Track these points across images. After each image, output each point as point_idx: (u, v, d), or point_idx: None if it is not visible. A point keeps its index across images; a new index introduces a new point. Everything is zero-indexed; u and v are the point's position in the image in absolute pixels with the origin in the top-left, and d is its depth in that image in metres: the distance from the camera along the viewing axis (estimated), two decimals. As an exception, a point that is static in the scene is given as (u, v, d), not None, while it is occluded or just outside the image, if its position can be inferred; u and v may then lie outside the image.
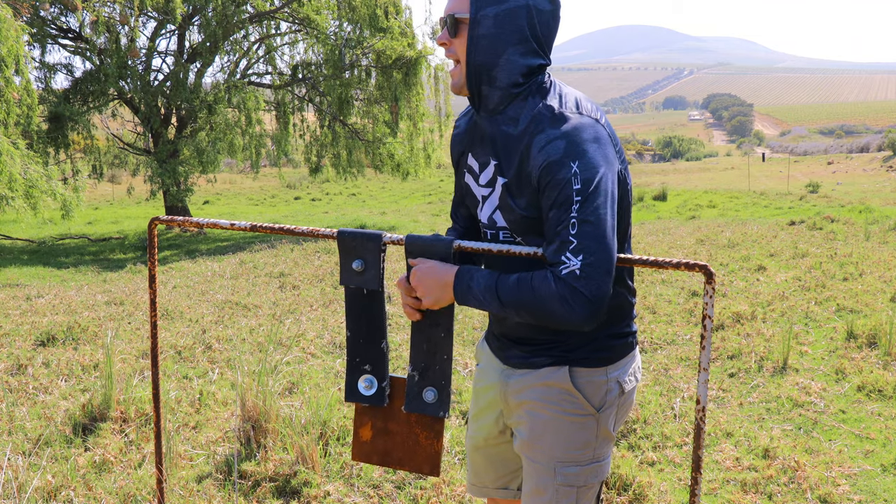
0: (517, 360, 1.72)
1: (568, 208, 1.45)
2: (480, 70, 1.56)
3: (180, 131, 17.06)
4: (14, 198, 10.29)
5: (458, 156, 1.74)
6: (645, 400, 3.94)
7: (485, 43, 1.53)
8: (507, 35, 1.52)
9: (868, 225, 10.84)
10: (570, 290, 1.43)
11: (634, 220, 16.12)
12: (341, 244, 1.71)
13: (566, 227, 1.45)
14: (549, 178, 1.47)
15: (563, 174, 1.45)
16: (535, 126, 1.52)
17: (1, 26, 10.13)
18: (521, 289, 1.49)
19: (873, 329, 4.89)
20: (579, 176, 1.45)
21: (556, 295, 1.44)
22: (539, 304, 1.46)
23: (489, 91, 1.57)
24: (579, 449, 1.66)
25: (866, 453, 3.33)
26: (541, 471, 1.67)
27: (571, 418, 1.66)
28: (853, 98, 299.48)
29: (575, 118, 1.50)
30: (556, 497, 1.66)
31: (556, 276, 1.45)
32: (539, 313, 1.48)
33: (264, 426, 3.35)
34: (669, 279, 7.04)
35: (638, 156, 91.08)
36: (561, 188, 1.46)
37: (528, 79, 1.57)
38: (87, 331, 5.45)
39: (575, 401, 1.66)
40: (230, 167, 42.56)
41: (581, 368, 1.65)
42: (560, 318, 1.46)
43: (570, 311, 1.44)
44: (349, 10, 16.08)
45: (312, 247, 10.80)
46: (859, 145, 60.20)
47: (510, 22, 1.52)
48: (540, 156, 1.49)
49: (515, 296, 1.49)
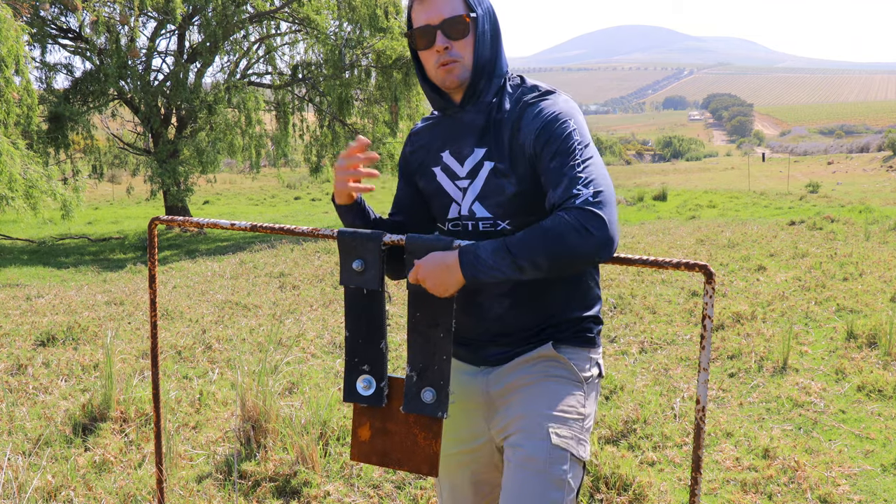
0: (498, 357, 1.73)
1: (572, 153, 1.54)
2: (486, 64, 1.67)
3: (180, 131, 17.06)
4: (14, 198, 10.29)
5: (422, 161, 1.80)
6: (645, 400, 3.94)
7: (486, 38, 1.67)
8: (495, 30, 1.69)
9: (868, 225, 10.84)
10: (586, 216, 1.45)
11: (634, 219, 16.12)
12: (341, 244, 1.71)
13: (573, 166, 1.53)
14: (548, 134, 1.58)
15: (562, 128, 1.58)
16: (523, 103, 1.65)
17: (1, 26, 10.13)
18: (532, 236, 1.47)
19: (873, 329, 4.89)
20: (578, 131, 1.58)
21: (571, 226, 1.45)
22: (554, 242, 1.45)
23: (486, 84, 1.68)
24: (570, 413, 1.65)
25: (866, 453, 3.33)
26: (532, 436, 1.61)
27: (560, 381, 1.68)
28: (853, 98, 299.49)
29: (558, 93, 1.67)
30: (549, 459, 1.59)
31: (569, 209, 1.47)
32: (556, 252, 1.46)
33: (264, 426, 3.35)
34: (669, 279, 7.04)
35: (638, 156, 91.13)
36: (563, 139, 1.56)
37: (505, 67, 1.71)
38: (87, 331, 5.45)
39: (561, 366, 1.69)
40: (230, 167, 42.56)
41: (566, 345, 1.71)
42: (579, 249, 1.45)
43: (589, 237, 1.44)
44: (349, 10, 16.08)
45: (312, 247, 10.80)
46: (859, 145, 60.21)
47: (493, 19, 1.69)
48: (535, 121, 1.61)
49: (527, 245, 1.47)
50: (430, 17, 1.64)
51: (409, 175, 1.83)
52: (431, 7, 1.64)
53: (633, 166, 58.53)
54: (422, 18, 1.65)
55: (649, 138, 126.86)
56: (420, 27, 1.65)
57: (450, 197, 1.72)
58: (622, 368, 4.54)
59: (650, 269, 7.34)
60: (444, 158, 1.73)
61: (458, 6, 1.63)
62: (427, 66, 1.69)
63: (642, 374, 4.47)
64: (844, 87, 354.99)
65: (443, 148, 1.74)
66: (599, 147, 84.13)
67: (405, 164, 1.84)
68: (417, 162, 1.80)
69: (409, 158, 1.83)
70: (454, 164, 1.72)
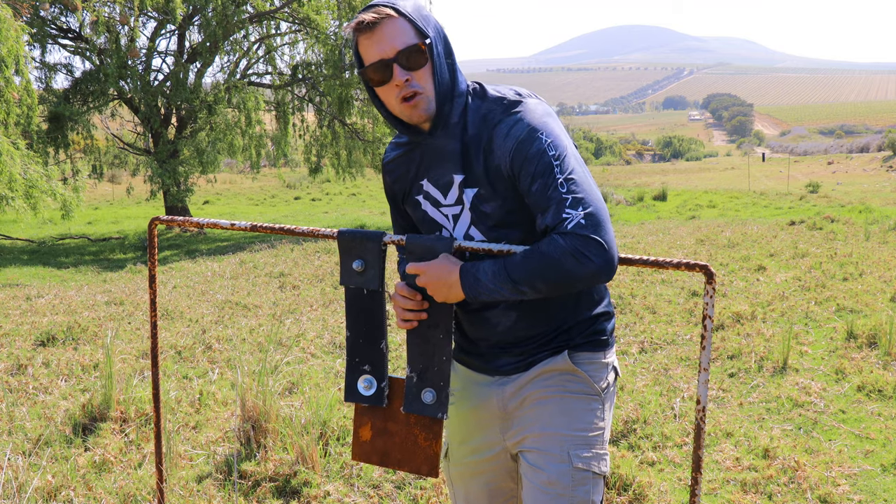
0: (511, 366, 1.69)
1: (551, 173, 1.49)
2: (446, 87, 1.58)
3: (180, 131, 17.06)
4: (14, 198, 10.29)
5: (405, 191, 1.72)
6: (645, 400, 3.94)
7: (443, 61, 1.57)
8: (448, 48, 1.60)
9: (868, 225, 10.84)
10: (581, 241, 1.44)
11: (634, 219, 16.12)
12: (341, 244, 1.71)
13: (555, 188, 1.48)
14: (523, 155, 1.52)
15: (535, 147, 1.51)
16: (490, 121, 1.57)
17: (1, 26, 10.13)
18: (531, 260, 1.47)
19: (873, 329, 4.89)
20: (552, 143, 1.51)
21: (567, 251, 1.44)
22: (553, 267, 1.45)
23: (450, 106, 1.60)
24: (590, 430, 1.64)
25: (866, 453, 3.33)
26: (553, 459, 1.61)
27: (577, 396, 1.65)
28: (853, 98, 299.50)
29: (524, 101, 1.58)
30: (572, 483, 1.60)
31: (563, 233, 1.45)
32: (555, 277, 1.46)
33: (264, 426, 3.35)
34: (669, 279, 7.04)
35: (638, 156, 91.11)
36: (539, 159, 1.50)
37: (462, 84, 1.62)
38: (87, 331, 5.45)
39: (578, 379, 1.65)
40: (230, 167, 42.55)
41: (581, 353, 1.66)
42: (578, 274, 1.45)
43: (587, 261, 1.44)
44: (349, 10, 16.07)
45: (312, 247, 10.80)
46: (859, 145, 60.22)
47: (443, 36, 1.59)
48: (507, 141, 1.54)
49: (526, 269, 1.47)
50: (382, 50, 1.52)
51: (397, 203, 1.79)
52: (382, 39, 1.52)
53: (633, 166, 58.53)
54: (373, 53, 1.53)
55: (649, 138, 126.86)
56: (374, 63, 1.53)
57: (438, 224, 1.68)
58: (622, 368, 4.54)
59: (650, 269, 7.34)
60: (425, 186, 1.67)
61: (410, 34, 1.52)
62: (387, 101, 1.58)
63: (642, 374, 4.47)
64: (844, 87, 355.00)
65: (421, 176, 1.67)
66: (599, 147, 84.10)
67: (391, 194, 1.78)
68: (401, 191, 1.74)
69: (392, 188, 1.76)
70: (435, 192, 1.65)
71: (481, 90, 1.62)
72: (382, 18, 1.52)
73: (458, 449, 1.81)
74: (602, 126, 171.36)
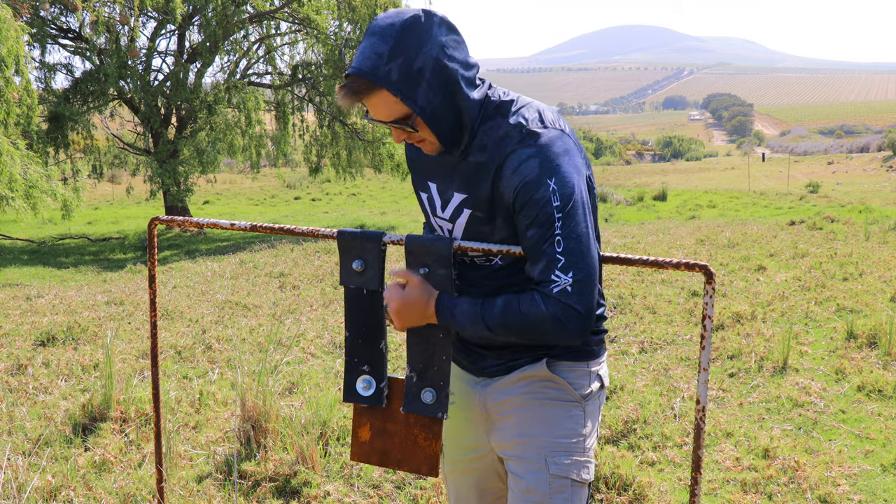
0: (494, 369, 1.69)
1: (551, 226, 1.46)
2: (453, 130, 1.52)
3: (180, 131, 17.06)
4: (14, 198, 10.29)
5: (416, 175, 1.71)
6: (645, 400, 3.94)
7: (440, 113, 1.49)
8: (449, 90, 1.48)
9: (868, 225, 10.84)
10: (562, 309, 1.45)
11: (634, 219, 16.13)
12: (341, 244, 1.71)
13: (551, 244, 1.46)
14: (526, 197, 1.47)
15: (541, 193, 1.46)
16: (505, 147, 1.50)
17: (1, 26, 10.13)
18: (509, 314, 1.49)
19: (873, 329, 4.89)
20: (557, 193, 1.46)
21: (547, 316, 1.46)
22: (530, 327, 1.49)
23: (461, 135, 1.54)
24: (568, 437, 1.64)
25: (866, 453, 3.33)
26: (531, 467, 1.63)
27: (557, 403, 1.65)
28: (853, 98, 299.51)
29: (543, 134, 1.49)
30: (549, 491, 1.61)
31: (546, 296, 1.46)
32: (530, 335, 1.51)
33: (264, 426, 3.35)
34: (669, 279, 7.04)
35: (638, 156, 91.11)
36: (541, 207, 1.46)
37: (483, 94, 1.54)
38: (87, 331, 5.45)
39: (557, 386, 1.65)
40: (230, 167, 42.56)
41: (561, 361, 1.65)
42: (553, 338, 1.49)
43: (564, 328, 1.46)
44: (349, 10, 16.08)
45: (312, 247, 10.80)
46: (859, 145, 60.22)
47: (441, 80, 1.47)
48: (515, 177, 1.48)
49: (502, 322, 1.51)
50: (375, 113, 1.51)
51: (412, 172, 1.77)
52: (370, 105, 1.50)
53: (633, 166, 58.54)
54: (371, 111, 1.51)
55: (649, 138, 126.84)
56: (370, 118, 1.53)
57: (433, 225, 1.70)
58: (622, 368, 4.54)
59: (650, 269, 7.34)
60: (431, 188, 1.67)
61: (396, 105, 1.47)
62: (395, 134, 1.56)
63: (642, 374, 4.47)
64: (844, 87, 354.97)
65: (430, 178, 1.66)
66: (599, 147, 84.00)
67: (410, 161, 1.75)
68: (415, 172, 1.73)
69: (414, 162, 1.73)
70: (437, 199, 1.65)
71: (505, 107, 1.54)
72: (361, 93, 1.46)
73: (450, 446, 1.83)
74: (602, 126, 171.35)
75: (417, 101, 1.46)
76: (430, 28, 1.46)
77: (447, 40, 1.48)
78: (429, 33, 1.45)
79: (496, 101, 1.55)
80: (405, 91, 1.44)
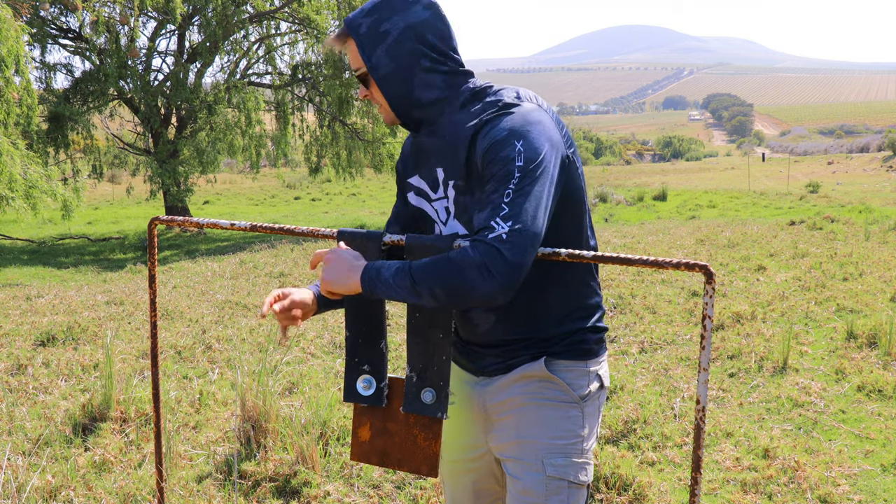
0: (493, 367, 1.69)
1: (507, 181, 1.45)
2: (401, 101, 1.59)
3: (180, 131, 17.06)
4: (14, 198, 10.29)
5: (402, 180, 1.76)
6: (645, 400, 3.94)
7: (392, 78, 1.57)
8: (407, 61, 1.56)
9: (868, 225, 10.84)
10: (491, 255, 1.38)
11: (634, 219, 16.12)
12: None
13: (501, 195, 1.44)
14: (493, 155, 1.49)
15: (506, 152, 1.47)
16: (481, 122, 1.54)
17: (1, 26, 10.13)
18: (436, 264, 1.43)
19: (873, 329, 4.89)
20: (523, 154, 1.46)
21: (474, 262, 1.39)
22: (454, 274, 1.40)
23: (420, 112, 1.60)
24: (566, 438, 1.63)
25: (866, 453, 3.33)
26: (528, 468, 1.62)
27: (554, 405, 1.64)
28: (853, 98, 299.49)
29: (519, 105, 1.54)
30: (545, 492, 1.60)
31: (478, 242, 1.40)
32: (453, 285, 1.41)
33: (264, 426, 3.35)
34: (669, 279, 7.04)
35: (638, 156, 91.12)
36: (504, 164, 1.46)
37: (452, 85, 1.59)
38: (87, 331, 5.45)
39: (555, 387, 1.64)
40: (230, 167, 42.56)
41: (559, 360, 1.64)
42: (477, 288, 1.39)
43: (489, 277, 1.38)
44: (349, 10, 16.07)
45: (312, 247, 10.80)
46: (859, 145, 60.22)
47: (402, 48, 1.56)
48: (486, 140, 1.51)
49: (429, 273, 1.43)
50: (350, 62, 1.64)
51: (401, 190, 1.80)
52: (349, 55, 1.63)
53: (633, 166, 58.54)
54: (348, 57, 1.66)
55: (649, 138, 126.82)
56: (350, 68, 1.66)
57: (431, 219, 1.70)
58: (622, 368, 4.54)
59: (650, 269, 7.34)
60: (415, 182, 1.70)
61: (357, 59, 1.59)
62: None
63: (642, 374, 4.47)
64: (844, 87, 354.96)
65: (414, 170, 1.71)
66: (599, 147, 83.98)
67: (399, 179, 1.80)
68: (402, 178, 1.77)
69: (400, 174, 1.78)
70: (425, 186, 1.68)
71: (477, 95, 1.59)
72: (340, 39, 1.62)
73: (448, 446, 1.83)
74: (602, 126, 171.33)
75: (372, 59, 1.56)
76: (413, 3, 1.56)
77: (425, 20, 1.56)
78: (408, 6, 1.56)
79: (474, 90, 1.60)
80: (365, 46, 1.56)
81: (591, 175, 38.77)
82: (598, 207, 19.69)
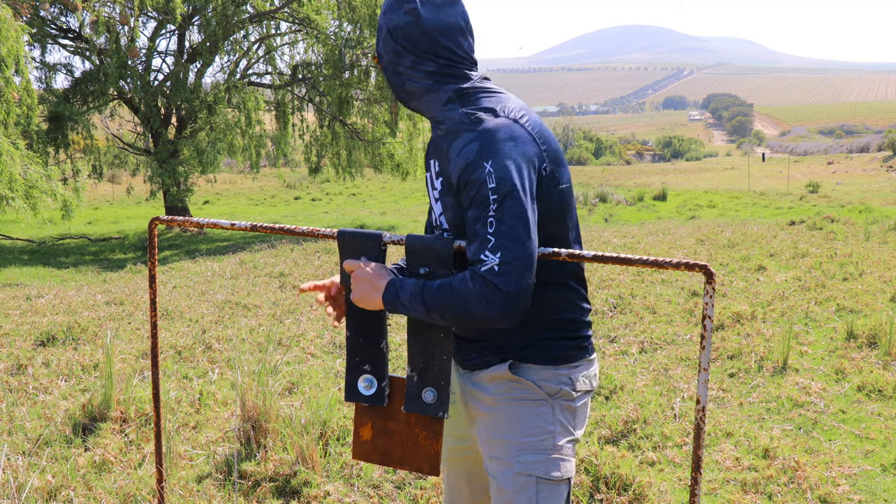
0: (474, 361, 1.72)
1: (486, 207, 1.49)
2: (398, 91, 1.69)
3: (180, 131, 17.06)
4: (14, 198, 10.28)
5: None
6: (645, 400, 3.94)
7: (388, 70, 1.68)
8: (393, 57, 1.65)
9: (868, 225, 10.84)
10: (487, 287, 1.46)
11: (634, 219, 16.12)
12: (341, 244, 1.71)
13: (484, 225, 1.49)
14: (465, 178, 1.53)
15: (477, 174, 1.51)
16: (455, 131, 1.60)
17: (1, 26, 10.13)
18: (443, 292, 1.52)
19: (873, 329, 4.89)
20: (493, 175, 1.49)
21: (473, 294, 1.48)
22: (460, 304, 1.50)
23: (415, 104, 1.68)
24: (535, 435, 1.65)
25: (866, 453, 3.33)
26: (502, 465, 1.65)
27: (523, 403, 1.66)
28: (853, 98, 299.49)
29: (490, 120, 1.56)
30: (515, 489, 1.62)
31: (475, 274, 1.48)
32: (461, 314, 1.51)
33: (264, 426, 3.35)
34: (669, 279, 7.04)
35: (638, 156, 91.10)
36: (478, 188, 1.50)
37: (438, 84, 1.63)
38: (87, 331, 5.45)
39: (523, 386, 1.67)
40: (230, 167, 42.55)
41: (527, 364, 1.67)
42: (480, 317, 1.48)
43: (489, 308, 1.46)
44: (349, 10, 16.07)
45: (312, 247, 10.80)
46: (859, 145, 60.21)
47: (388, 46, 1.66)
48: (458, 159, 1.55)
49: (437, 299, 1.53)
50: None
51: None
52: None
53: (633, 166, 58.53)
54: None
55: (649, 138, 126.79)
56: None
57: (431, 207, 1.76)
58: (622, 368, 4.54)
59: (650, 269, 7.34)
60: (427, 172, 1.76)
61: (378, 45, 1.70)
62: None
63: (642, 374, 4.47)
64: (844, 87, 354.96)
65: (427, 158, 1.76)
66: (599, 147, 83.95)
67: None
68: None
69: None
70: (428, 175, 1.74)
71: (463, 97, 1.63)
72: None
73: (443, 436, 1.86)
74: (602, 126, 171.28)
75: (378, 45, 1.70)
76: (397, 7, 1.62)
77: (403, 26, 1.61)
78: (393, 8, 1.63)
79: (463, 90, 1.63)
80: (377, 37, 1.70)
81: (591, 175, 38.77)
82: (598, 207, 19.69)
